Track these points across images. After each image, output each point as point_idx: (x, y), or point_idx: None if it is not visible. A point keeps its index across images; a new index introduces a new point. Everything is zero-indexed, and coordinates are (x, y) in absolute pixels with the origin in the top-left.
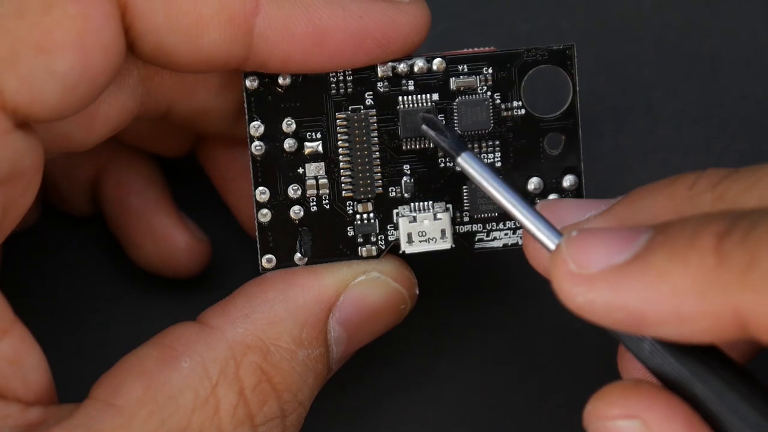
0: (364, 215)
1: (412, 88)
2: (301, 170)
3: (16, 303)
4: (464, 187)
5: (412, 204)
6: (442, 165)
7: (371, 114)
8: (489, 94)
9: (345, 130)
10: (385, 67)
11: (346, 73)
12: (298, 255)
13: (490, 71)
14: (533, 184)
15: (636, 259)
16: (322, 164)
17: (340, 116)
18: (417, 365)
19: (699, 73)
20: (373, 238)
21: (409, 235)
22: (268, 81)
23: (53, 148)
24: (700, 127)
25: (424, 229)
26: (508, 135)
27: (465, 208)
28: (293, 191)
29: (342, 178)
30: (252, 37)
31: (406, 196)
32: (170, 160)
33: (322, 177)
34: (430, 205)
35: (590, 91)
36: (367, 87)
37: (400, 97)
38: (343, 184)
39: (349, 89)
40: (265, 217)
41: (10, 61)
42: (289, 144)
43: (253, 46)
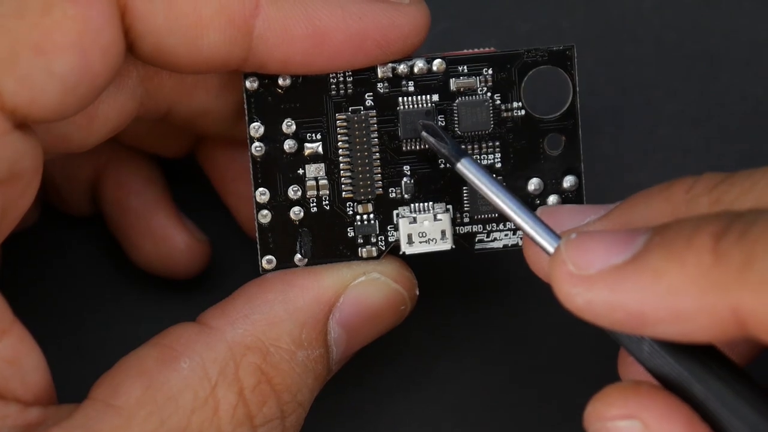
0: (364, 216)
1: (412, 88)
2: (301, 171)
3: (15, 303)
4: (464, 188)
5: (412, 205)
6: (442, 166)
7: (371, 115)
8: (489, 94)
9: (345, 131)
10: (385, 68)
11: (346, 74)
12: (298, 256)
13: (490, 72)
14: (533, 184)
15: (634, 259)
16: (322, 165)
17: (340, 117)
18: (417, 365)
19: (699, 73)
20: (373, 239)
21: (409, 235)
22: (268, 82)
23: (52, 149)
24: (700, 127)
25: (425, 230)
26: (509, 136)
27: (465, 209)
28: (293, 192)
29: (342, 179)
30: (252, 39)
31: (407, 197)
32: (170, 161)
33: (322, 178)
34: (430, 206)
35: (590, 91)
36: (367, 88)
37: (400, 98)
38: (343, 185)
39: (349, 90)
40: (265, 218)
41: (9, 62)
42: (289, 145)
43: (253, 48)
